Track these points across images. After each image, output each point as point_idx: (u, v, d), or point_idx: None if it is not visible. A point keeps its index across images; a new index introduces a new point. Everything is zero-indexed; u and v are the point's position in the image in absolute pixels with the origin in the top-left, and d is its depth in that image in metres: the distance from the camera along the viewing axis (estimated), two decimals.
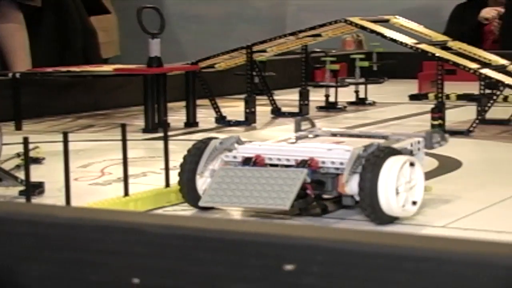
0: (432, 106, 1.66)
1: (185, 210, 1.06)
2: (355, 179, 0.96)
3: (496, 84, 1.64)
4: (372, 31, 1.69)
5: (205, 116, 1.90)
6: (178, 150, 1.50)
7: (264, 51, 1.91)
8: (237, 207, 1.02)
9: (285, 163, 0.99)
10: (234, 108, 2.01)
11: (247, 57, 1.84)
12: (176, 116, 1.89)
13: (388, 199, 0.94)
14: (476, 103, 1.75)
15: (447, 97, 2.17)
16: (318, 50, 2.26)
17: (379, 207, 0.94)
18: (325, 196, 1.00)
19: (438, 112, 1.64)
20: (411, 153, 1.02)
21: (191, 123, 1.81)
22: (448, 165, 1.33)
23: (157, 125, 1.70)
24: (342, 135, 1.15)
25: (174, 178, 1.12)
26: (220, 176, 0.99)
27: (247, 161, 1.00)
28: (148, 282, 0.54)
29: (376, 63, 2.22)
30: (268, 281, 0.52)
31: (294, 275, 0.51)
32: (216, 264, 0.53)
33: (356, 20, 1.71)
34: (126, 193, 1.03)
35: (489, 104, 1.68)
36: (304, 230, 0.52)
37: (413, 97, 2.31)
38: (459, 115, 1.92)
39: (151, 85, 1.71)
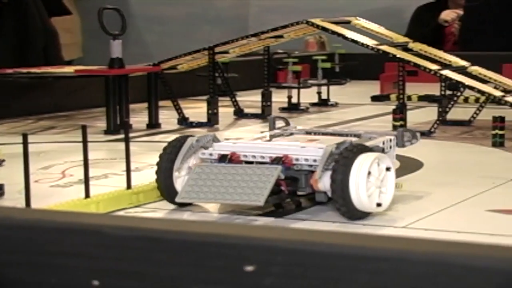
0: (394, 107, 1.67)
1: (147, 212, 1.05)
2: (328, 175, 0.98)
3: (456, 85, 1.66)
4: (334, 33, 1.70)
5: (168, 117, 1.90)
6: (140, 152, 1.50)
7: (226, 52, 1.91)
8: (213, 203, 1.04)
9: (260, 160, 1.01)
10: (196, 110, 2.01)
11: (209, 58, 1.84)
12: (139, 118, 1.89)
13: (359, 192, 0.96)
14: (437, 104, 1.77)
15: (409, 98, 2.19)
16: (280, 51, 2.26)
17: (350, 199, 0.96)
18: (300, 193, 1.02)
19: (400, 113, 1.65)
20: (383, 150, 1.05)
21: (153, 124, 1.80)
22: (409, 165, 1.34)
23: (119, 126, 1.69)
24: (316, 133, 1.17)
25: (136, 179, 1.12)
26: (196, 173, 1.01)
27: (222, 158, 1.03)
28: (108, 284, 0.54)
29: (338, 64, 2.23)
30: (229, 282, 0.52)
31: (255, 275, 0.51)
32: (176, 265, 0.53)
33: (317, 21, 1.72)
34: (87, 195, 1.02)
35: (449, 105, 1.70)
36: (264, 231, 0.53)
37: (375, 98, 2.32)
38: (421, 116, 1.93)
39: (113, 86, 1.70)
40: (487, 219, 1.02)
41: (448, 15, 3.25)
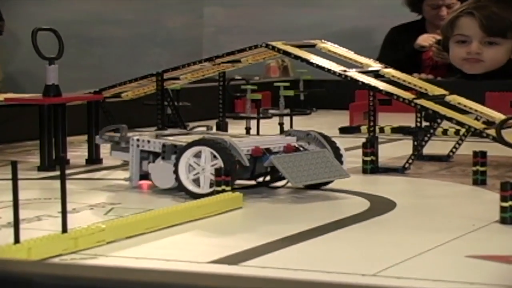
0: (364, 140, 1.68)
1: (85, 259, 1.05)
2: None
3: (434, 116, 1.68)
4: (297, 57, 1.71)
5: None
6: (78, 191, 1.50)
7: (177, 78, 1.92)
8: (315, 182, 1.43)
9: (277, 149, 1.44)
10: None
11: (157, 85, 1.85)
12: (78, 152, 1.88)
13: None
14: (412, 137, 1.78)
15: (381, 130, 2.21)
16: (238, 77, 2.27)
17: None
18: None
19: (371, 147, 1.66)
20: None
21: (93, 159, 1.80)
22: (380, 206, 1.35)
23: (54, 162, 1.69)
24: (171, 134, 1.54)
25: (73, 222, 1.11)
26: (279, 162, 1.38)
27: (268, 151, 1.42)
28: None
29: (303, 92, 2.24)
30: None
31: None
32: None
33: (278, 44, 1.74)
34: (17, 240, 1.02)
35: (426, 138, 1.71)
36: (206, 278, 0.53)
37: (343, 130, 2.34)
38: (394, 150, 1.95)
39: (48, 116, 1.69)
40: (466, 265, 1.03)
41: (425, 40, 3.27)
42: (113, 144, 1.55)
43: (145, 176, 1.49)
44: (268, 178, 1.46)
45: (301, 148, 1.47)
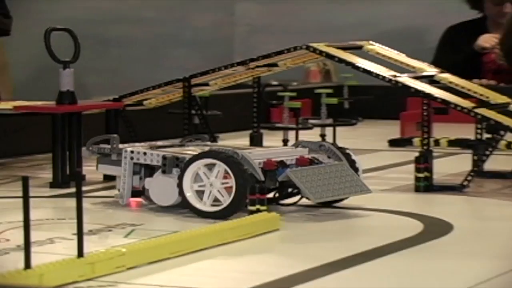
0: (417, 154, 1.68)
1: (103, 286, 1.06)
2: None
3: (496, 128, 1.67)
4: (341, 60, 1.72)
5: None
6: (95, 210, 1.51)
7: (206, 84, 1.93)
8: (336, 198, 1.46)
9: (290, 162, 1.44)
10: None
11: (184, 92, 1.86)
12: (94, 166, 1.89)
13: None
14: (472, 150, 1.78)
15: (436, 143, 2.21)
16: (275, 83, 2.27)
17: None
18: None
19: (424, 162, 1.66)
20: None
21: (111, 175, 1.81)
22: (435, 229, 1.35)
23: (68, 178, 1.70)
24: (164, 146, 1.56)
25: (90, 245, 1.12)
26: (297, 177, 1.40)
27: (282, 164, 1.43)
28: None
29: (347, 99, 2.24)
30: None
31: None
32: None
33: (320, 46, 1.74)
34: (28, 265, 1.03)
35: (487, 152, 1.71)
36: None
37: (393, 143, 2.34)
38: (451, 165, 1.95)
39: (62, 127, 1.71)
40: None
41: (487, 40, 3.25)
42: (100, 157, 1.56)
43: (135, 192, 1.50)
44: (279, 194, 1.47)
45: (315, 161, 1.48)
